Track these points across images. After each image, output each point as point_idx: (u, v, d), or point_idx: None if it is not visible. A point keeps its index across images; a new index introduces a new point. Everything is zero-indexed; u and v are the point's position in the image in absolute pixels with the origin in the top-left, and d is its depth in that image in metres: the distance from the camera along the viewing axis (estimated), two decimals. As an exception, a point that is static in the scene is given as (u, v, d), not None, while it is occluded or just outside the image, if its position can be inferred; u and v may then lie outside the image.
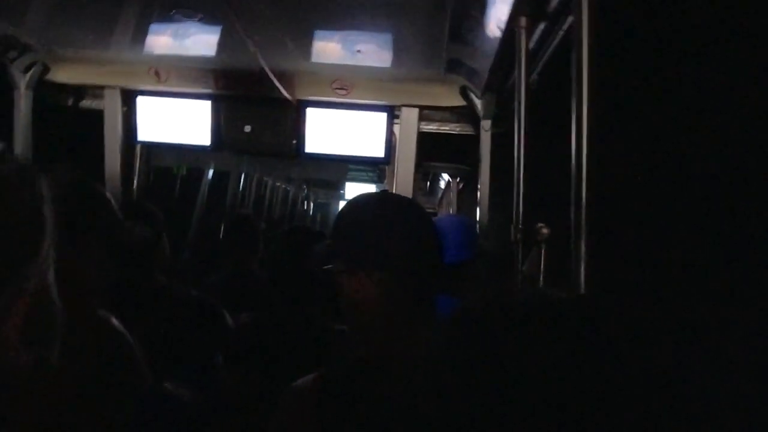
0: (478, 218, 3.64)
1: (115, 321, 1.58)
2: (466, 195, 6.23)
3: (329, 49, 3.21)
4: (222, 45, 3.28)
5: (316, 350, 2.09)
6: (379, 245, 1.36)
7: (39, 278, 0.65)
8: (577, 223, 1.47)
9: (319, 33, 3.00)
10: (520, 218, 2.22)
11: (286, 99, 3.76)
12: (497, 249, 2.72)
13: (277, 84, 3.55)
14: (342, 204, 9.05)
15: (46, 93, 4.07)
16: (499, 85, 3.23)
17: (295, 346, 2.14)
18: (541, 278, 2.09)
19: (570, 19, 2.12)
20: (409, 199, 1.73)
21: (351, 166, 5.91)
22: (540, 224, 2.10)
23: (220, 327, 2.43)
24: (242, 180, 8.55)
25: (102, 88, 4.13)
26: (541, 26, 2.32)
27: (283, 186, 11.72)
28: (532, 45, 2.37)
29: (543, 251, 2.11)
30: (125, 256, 2.14)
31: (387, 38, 2.97)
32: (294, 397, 1.45)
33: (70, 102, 4.32)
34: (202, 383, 2.19)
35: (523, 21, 2.20)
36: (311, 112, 3.87)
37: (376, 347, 1.42)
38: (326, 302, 2.33)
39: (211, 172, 7.25)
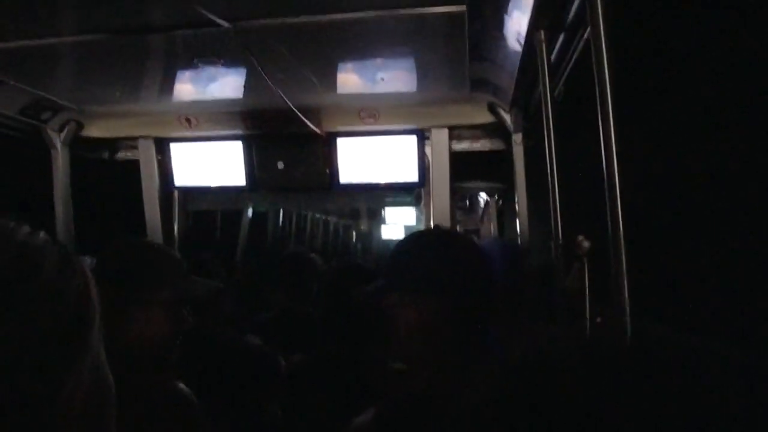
0: (519, 234, 3.60)
1: (182, 386, 1.60)
2: (507, 210, 6.18)
3: (353, 79, 3.22)
4: (247, 86, 3.33)
5: (370, 390, 2.06)
6: (432, 274, 1.40)
7: (92, 365, 0.66)
8: (614, 235, 1.43)
9: (341, 65, 3.01)
10: (560, 232, 2.18)
11: (315, 132, 3.80)
12: (539, 265, 2.68)
13: (305, 119, 3.58)
14: (383, 229, 9.06)
15: (82, 149, 4.18)
16: (525, 99, 3.20)
17: (349, 386, 2.11)
18: (586, 293, 2.04)
19: (587, 29, 2.10)
20: (456, 231, 1.77)
21: (387, 192, 5.90)
22: (580, 237, 2.06)
23: (276, 375, 2.41)
24: (281, 216, 8.62)
25: (135, 138, 4.25)
26: (561, 38, 2.29)
27: (323, 217, 11.78)
28: (553, 57, 2.34)
29: (585, 265, 2.06)
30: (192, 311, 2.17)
31: (409, 63, 2.98)
32: None
33: (105, 155, 4.44)
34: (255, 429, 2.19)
35: (541, 34, 2.18)
36: (342, 143, 3.89)
37: (427, 382, 1.43)
38: (379, 340, 2.31)
39: (250, 211, 7.32)
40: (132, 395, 1.32)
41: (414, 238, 1.56)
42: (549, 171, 2.24)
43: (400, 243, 1.57)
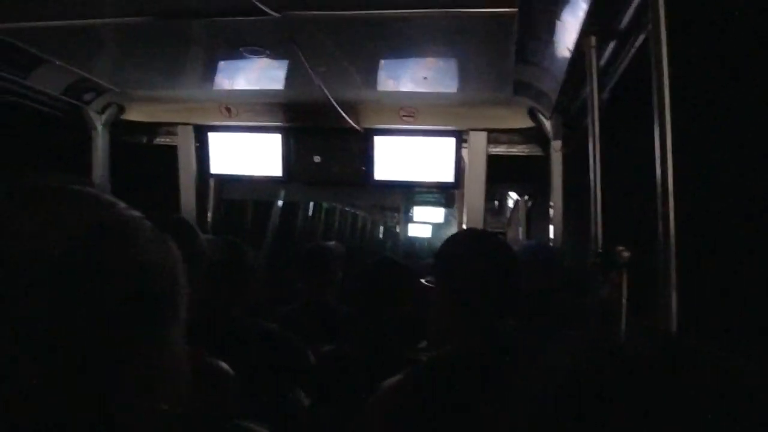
0: (551, 240, 3.57)
1: (222, 364, 1.62)
2: (535, 214, 6.14)
3: (395, 77, 3.22)
4: (289, 79, 3.34)
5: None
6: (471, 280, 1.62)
7: (179, 339, 0.67)
8: (665, 246, 1.41)
9: (384, 62, 3.01)
10: (599, 241, 2.15)
11: (354, 128, 3.80)
12: (574, 273, 2.65)
13: (344, 114, 3.59)
14: (410, 227, 9.05)
15: (121, 132, 4.22)
16: (567, 105, 3.17)
17: (380, 378, 2.11)
18: (623, 303, 2.01)
19: (642, 35, 2.07)
20: (503, 242, 1.94)
21: (419, 190, 5.90)
22: (620, 247, 2.03)
23: (301, 362, 2.43)
24: (311, 208, 8.66)
25: (175, 125, 4.28)
26: (611, 44, 2.27)
27: (352, 211, 11.81)
28: (602, 63, 2.32)
29: (624, 275, 2.03)
30: (211, 289, 2.18)
31: (453, 63, 2.96)
32: (385, 396, 1.61)
33: (144, 139, 4.48)
34: (283, 420, 2.20)
35: (592, 40, 2.16)
36: (379, 140, 3.89)
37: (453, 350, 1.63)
38: (411, 334, 2.31)
39: (280, 203, 7.35)
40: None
41: (455, 237, 1.83)
42: (592, 178, 2.22)
43: (450, 241, 1.80)
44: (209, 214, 4.57)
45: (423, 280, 1.76)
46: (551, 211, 3.57)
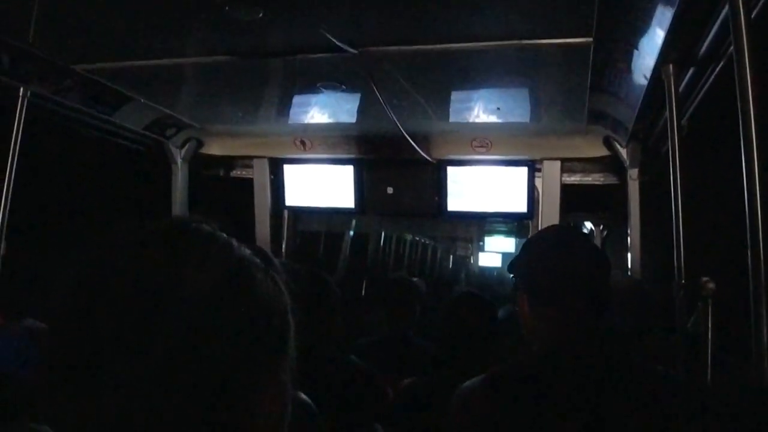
0: (629, 270, 3.49)
1: (303, 396, 1.64)
2: (611, 243, 6.01)
3: (467, 108, 3.23)
4: (363, 112, 3.40)
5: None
6: (547, 279, 1.57)
7: (286, 372, 0.69)
8: (755, 277, 1.36)
9: (456, 94, 3.03)
10: (683, 272, 2.09)
11: (426, 160, 3.82)
12: (659, 304, 2.58)
13: (417, 146, 3.62)
14: (481, 257, 8.97)
15: (200, 165, 4.37)
16: (644, 133, 3.12)
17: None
18: (710, 337, 1.95)
19: (722, 61, 2.03)
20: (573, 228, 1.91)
21: (491, 220, 5.87)
22: (705, 279, 1.97)
23: (381, 396, 2.43)
24: (382, 238, 8.70)
25: (251, 158, 4.40)
26: (690, 71, 2.23)
27: (422, 241, 11.80)
28: (681, 90, 2.27)
29: (710, 307, 1.97)
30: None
31: (526, 94, 2.96)
32: (467, 395, 1.58)
33: (221, 172, 4.62)
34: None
35: (670, 68, 2.12)
36: (452, 171, 3.91)
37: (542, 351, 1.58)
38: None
39: (351, 233, 7.43)
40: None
41: (536, 240, 1.76)
42: (674, 207, 2.17)
43: (527, 242, 1.75)
44: (283, 245, 4.65)
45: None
46: (628, 241, 3.49)
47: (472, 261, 13.90)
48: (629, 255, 3.49)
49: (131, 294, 0.59)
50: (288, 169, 4.26)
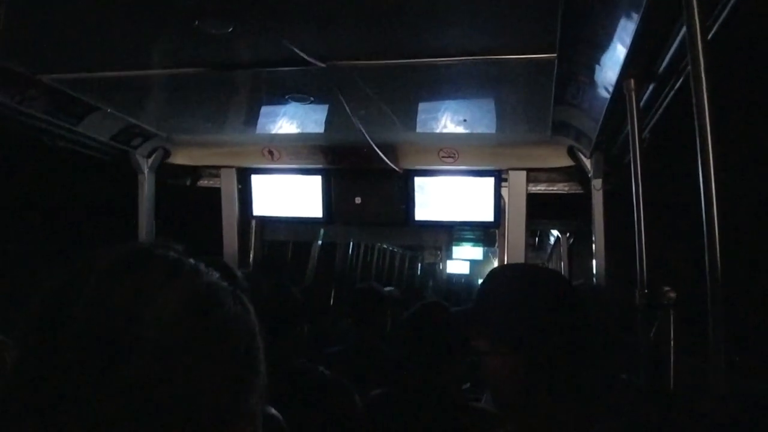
0: (594, 277, 3.55)
1: (271, 410, 1.63)
2: (577, 251, 6.10)
3: (434, 119, 3.27)
4: (330, 123, 3.42)
5: (449, 427, 2.06)
6: (526, 326, 1.33)
7: (261, 394, 0.69)
8: (713, 286, 1.41)
9: (423, 106, 3.07)
10: (645, 281, 2.15)
11: (393, 169, 3.85)
12: (619, 313, 2.64)
13: (384, 156, 3.64)
14: (449, 264, 9.01)
15: (167, 175, 4.34)
16: (607, 144, 3.19)
17: (428, 423, 2.12)
18: (671, 344, 2.01)
19: (682, 77, 2.10)
20: (557, 274, 1.66)
21: (459, 229, 5.92)
22: (666, 288, 2.03)
23: (349, 407, 2.43)
24: (350, 247, 8.70)
25: (218, 168, 4.39)
26: (651, 86, 2.29)
27: (391, 249, 11.83)
28: (642, 104, 2.34)
29: (671, 315, 2.02)
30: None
31: (492, 105, 3.01)
32: None
33: (188, 182, 4.59)
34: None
35: (632, 83, 2.18)
36: (419, 181, 3.94)
37: (520, 426, 1.39)
38: (458, 378, 2.32)
39: (320, 242, 7.41)
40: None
41: (506, 282, 1.48)
42: (636, 217, 2.22)
43: (493, 283, 1.49)
44: (251, 255, 4.64)
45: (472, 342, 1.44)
46: (593, 248, 3.56)
47: (440, 269, 13.97)
48: (594, 263, 3.55)
49: (96, 324, 0.59)
50: (256, 179, 4.26)
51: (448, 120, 3.27)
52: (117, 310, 0.60)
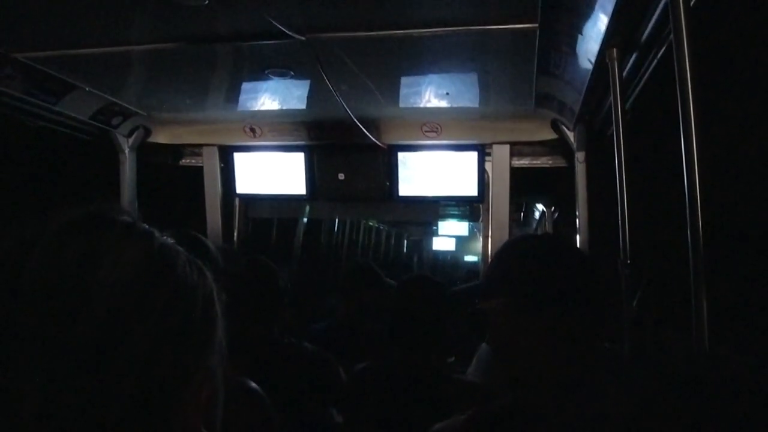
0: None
1: (251, 383, 1.63)
2: (562, 225, 6.12)
3: (417, 93, 3.25)
4: (312, 98, 3.39)
5: (434, 400, 2.06)
6: (552, 289, 1.28)
7: (218, 363, 0.69)
8: (694, 255, 1.41)
9: (406, 79, 3.04)
10: (628, 252, 2.15)
11: (377, 144, 3.83)
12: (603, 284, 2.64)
13: (367, 131, 3.62)
14: (435, 241, 9.04)
15: (148, 154, 4.30)
16: (590, 116, 3.18)
17: (412, 395, 2.12)
18: (653, 313, 2.01)
19: (664, 46, 2.08)
20: (569, 241, 1.60)
21: (443, 204, 5.92)
22: (648, 257, 2.03)
23: (334, 381, 2.44)
24: (336, 225, 8.70)
25: (200, 146, 4.34)
26: (633, 56, 2.27)
27: (376, 226, 11.83)
28: (624, 74, 2.32)
29: (653, 285, 2.03)
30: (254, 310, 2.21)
31: (475, 78, 2.99)
32: None
33: (170, 161, 4.55)
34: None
35: (614, 52, 2.17)
36: (402, 156, 3.92)
37: (535, 393, 1.31)
38: (444, 352, 2.32)
39: (305, 219, 7.39)
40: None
41: (525, 243, 1.46)
42: (618, 189, 2.22)
43: (510, 248, 1.45)
44: (235, 234, 4.62)
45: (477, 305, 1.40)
46: (577, 222, 3.57)
47: (426, 246, 14.01)
48: (578, 236, 3.56)
49: (46, 284, 0.59)
50: (238, 157, 4.23)
51: (430, 94, 3.24)
52: (68, 270, 0.59)
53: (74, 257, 0.60)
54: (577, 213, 3.54)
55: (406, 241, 14.83)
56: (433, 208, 5.71)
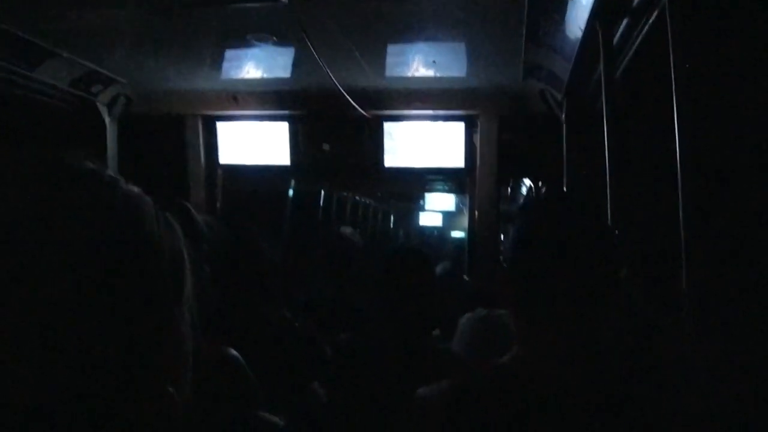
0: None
1: (233, 351, 1.60)
2: (549, 199, 6.07)
3: (404, 62, 3.19)
4: (297, 66, 3.32)
5: (418, 371, 2.03)
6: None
7: (183, 320, 0.65)
8: (684, 228, 1.37)
9: (392, 48, 2.98)
10: (615, 223, 2.11)
11: (362, 115, 3.77)
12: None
13: (353, 101, 3.56)
14: (422, 215, 9.03)
15: (131, 123, 4.22)
16: (579, 88, 3.12)
17: (397, 367, 2.10)
18: (641, 287, 1.98)
19: (655, 12, 2.03)
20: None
21: (430, 177, 5.89)
22: (635, 230, 2.00)
23: (318, 353, 2.41)
24: (322, 198, 8.64)
25: (183, 116, 4.25)
26: (624, 23, 2.22)
27: (363, 201, 11.78)
28: (614, 43, 2.27)
29: (640, 258, 2.00)
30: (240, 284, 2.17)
31: (462, 47, 2.93)
32: (425, 406, 1.39)
33: (153, 131, 4.46)
34: (298, 410, 2.18)
35: (604, 20, 2.11)
36: (389, 126, 3.87)
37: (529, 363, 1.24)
38: (428, 323, 2.29)
39: (291, 192, 7.33)
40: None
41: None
42: (607, 159, 2.18)
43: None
44: (218, 205, 4.56)
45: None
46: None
47: (412, 221, 13.98)
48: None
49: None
50: (221, 127, 4.16)
51: (417, 63, 3.18)
52: (24, 216, 0.54)
53: (31, 203, 0.56)
54: (564, 186, 3.50)
55: (392, 216, 14.80)
56: (420, 180, 5.68)
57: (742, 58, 1.60)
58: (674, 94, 1.40)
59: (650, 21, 2.11)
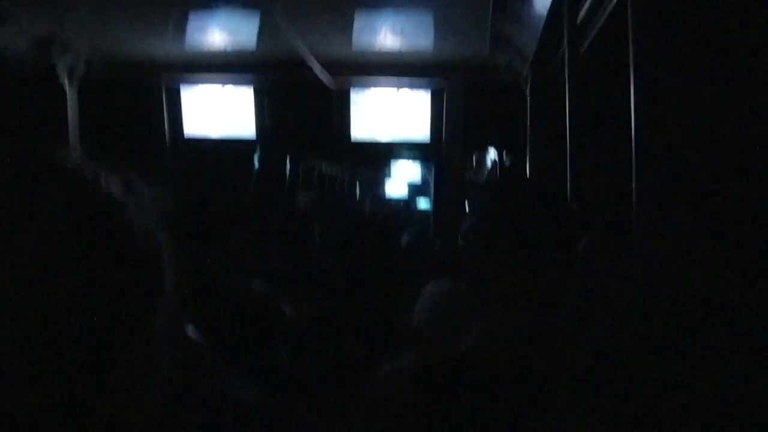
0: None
1: (190, 329, 1.60)
2: (515, 170, 6.14)
3: (371, 32, 3.18)
4: (263, 35, 3.29)
5: (380, 342, 2.06)
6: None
7: (165, 309, 0.66)
8: (639, 199, 1.42)
9: (359, 17, 2.97)
10: (576, 194, 2.16)
11: (329, 86, 3.76)
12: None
13: (318, 72, 3.55)
14: (388, 185, 8.93)
15: (92, 91, 4.12)
16: (546, 59, 3.16)
17: (358, 336, 2.12)
18: (599, 258, 2.04)
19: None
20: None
21: (397, 147, 5.91)
22: (594, 201, 2.05)
23: (282, 320, 2.42)
24: (288, 168, 8.60)
25: (146, 84, 4.18)
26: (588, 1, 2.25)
27: (330, 172, 11.73)
28: (581, 17, 2.30)
29: (599, 230, 2.05)
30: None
31: (430, 18, 2.94)
32: (389, 382, 1.41)
33: (115, 99, 4.37)
34: (264, 379, 2.20)
35: (570, -6, 2.15)
36: (355, 98, 3.86)
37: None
38: (389, 294, 2.31)
39: (257, 163, 7.28)
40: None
41: None
42: (568, 131, 2.22)
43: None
44: (182, 175, 4.50)
45: None
46: (527, 165, 3.58)
47: (379, 190, 13.96)
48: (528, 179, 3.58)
49: None
50: (185, 97, 4.11)
51: (385, 32, 3.18)
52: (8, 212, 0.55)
53: (14, 199, 0.57)
54: (528, 157, 3.55)
55: (358, 187, 14.76)
56: (386, 151, 5.70)
57: (701, 39, 1.64)
58: (632, 71, 1.44)
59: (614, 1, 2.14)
